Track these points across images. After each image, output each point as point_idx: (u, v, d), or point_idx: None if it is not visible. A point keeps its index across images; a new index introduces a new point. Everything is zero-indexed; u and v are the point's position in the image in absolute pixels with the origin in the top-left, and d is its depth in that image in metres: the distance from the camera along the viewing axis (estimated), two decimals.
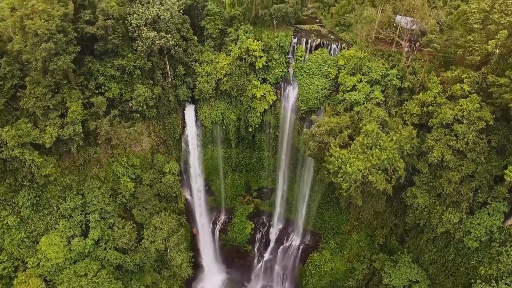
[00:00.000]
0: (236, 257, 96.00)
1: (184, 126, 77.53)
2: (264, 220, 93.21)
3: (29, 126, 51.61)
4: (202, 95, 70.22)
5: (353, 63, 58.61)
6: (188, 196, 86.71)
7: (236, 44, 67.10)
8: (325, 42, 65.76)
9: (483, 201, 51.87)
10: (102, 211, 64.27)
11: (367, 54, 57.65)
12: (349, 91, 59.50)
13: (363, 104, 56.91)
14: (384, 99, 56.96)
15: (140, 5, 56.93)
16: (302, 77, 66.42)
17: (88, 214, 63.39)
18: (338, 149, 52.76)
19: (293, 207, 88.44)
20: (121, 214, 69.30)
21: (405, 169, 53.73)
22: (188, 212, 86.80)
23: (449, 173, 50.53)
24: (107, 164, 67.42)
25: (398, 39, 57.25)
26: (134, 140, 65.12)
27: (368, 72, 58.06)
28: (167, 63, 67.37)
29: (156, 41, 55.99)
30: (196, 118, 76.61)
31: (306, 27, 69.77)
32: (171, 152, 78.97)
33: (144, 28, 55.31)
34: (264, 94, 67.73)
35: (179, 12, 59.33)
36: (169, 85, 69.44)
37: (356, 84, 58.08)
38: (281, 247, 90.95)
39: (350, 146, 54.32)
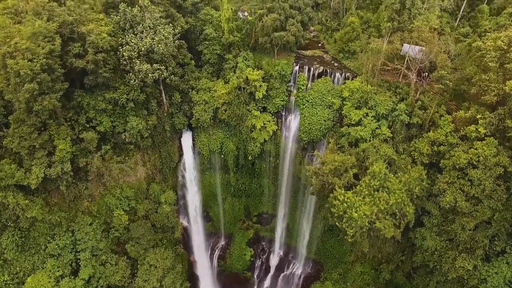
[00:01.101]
0: (235, 284, 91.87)
1: (181, 153, 73.88)
2: (264, 246, 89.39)
3: (13, 167, 47.92)
4: (199, 124, 66.58)
5: (359, 96, 54.94)
6: (185, 223, 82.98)
7: (234, 72, 63.51)
8: (328, 70, 62.12)
9: (501, 250, 48.04)
10: (94, 248, 60.47)
11: (373, 88, 53.95)
12: (354, 125, 55.86)
13: (369, 140, 53.23)
14: (391, 135, 53.26)
15: (133, 35, 53.31)
16: (304, 106, 62.77)
17: (79, 252, 59.61)
18: (343, 191, 49.02)
19: (294, 233, 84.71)
20: (114, 248, 65.49)
21: (414, 211, 50.01)
22: (185, 239, 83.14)
23: (463, 219, 46.75)
24: (99, 196, 63.71)
25: (406, 71, 53.62)
26: (127, 174, 61.59)
27: (375, 106, 54.37)
28: (163, 91, 63.76)
29: (150, 74, 52.33)
30: (193, 146, 72.97)
31: (308, 52, 66.10)
32: (167, 180, 75.23)
33: (137, 61, 51.64)
34: (264, 124, 64.02)
35: (174, 41, 55.68)
36: (165, 114, 65.81)
37: (362, 118, 54.40)
38: (282, 274, 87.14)
39: (355, 187, 50.63)
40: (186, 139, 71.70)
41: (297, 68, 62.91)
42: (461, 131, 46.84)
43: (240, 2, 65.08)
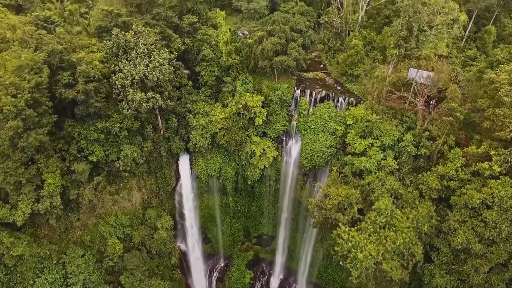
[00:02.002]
0: None
1: (178, 176, 70.84)
2: (264, 268, 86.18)
3: None
4: (196, 149, 63.55)
5: (363, 125, 51.91)
6: (182, 247, 79.87)
7: (233, 96, 60.49)
8: (331, 95, 59.17)
9: None
10: (86, 281, 57.33)
11: (379, 117, 50.92)
12: (358, 154, 52.84)
13: (375, 172, 50.20)
14: (397, 166, 50.21)
15: (126, 62, 50.33)
16: (306, 132, 59.71)
17: (70, 286, 56.45)
18: (347, 229, 45.96)
19: (295, 256, 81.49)
20: (108, 279, 62.35)
21: (422, 249, 46.91)
22: (182, 263, 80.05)
23: (476, 261, 43.64)
24: (92, 225, 60.71)
25: (413, 100, 50.64)
26: (121, 202, 58.62)
27: (380, 136, 51.35)
28: (158, 115, 60.70)
29: (144, 104, 49.30)
30: (191, 169, 69.96)
31: (310, 75, 63.02)
32: (164, 204, 72.09)
33: (130, 89, 48.61)
34: (264, 150, 60.94)
35: (170, 67, 52.70)
36: (161, 138, 62.69)
37: (367, 149, 51.39)
38: None
39: (360, 223, 47.60)
40: (184, 163, 68.65)
41: (298, 92, 59.92)
42: (473, 166, 43.79)
43: (239, 23, 62.26)
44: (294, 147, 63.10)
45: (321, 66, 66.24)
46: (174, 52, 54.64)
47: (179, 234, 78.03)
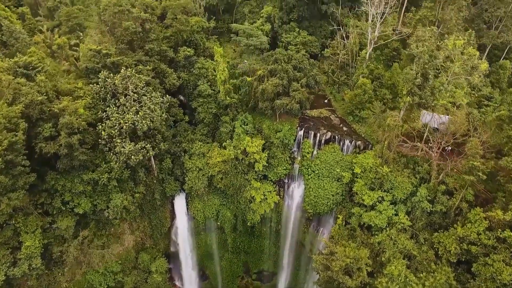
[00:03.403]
0: None
1: (173, 216, 65.90)
2: None
3: None
4: (192, 192, 58.68)
5: (372, 176, 47.03)
6: (179, 285, 74.99)
7: (231, 137, 55.68)
8: (336, 137, 54.29)
9: None
10: None
11: (389, 170, 45.98)
12: (366, 206, 47.93)
13: (385, 230, 45.24)
14: (410, 223, 45.24)
15: (114, 107, 45.52)
16: (309, 177, 54.76)
17: None
18: None
19: None
20: None
21: None
22: None
23: None
24: (80, 274, 55.73)
25: (427, 149, 45.69)
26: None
27: (391, 189, 46.42)
28: (152, 157, 55.96)
29: (133, 157, 44.39)
30: (187, 209, 65.03)
31: (314, 113, 57.89)
32: (159, 244, 67.09)
33: (118, 140, 43.74)
34: (265, 195, 56.03)
35: (163, 113, 47.90)
36: (154, 181, 57.89)
37: (376, 203, 46.46)
38: None
39: (370, 287, 42.64)
40: (179, 203, 63.63)
41: (301, 133, 55.04)
42: (499, 232, 38.77)
43: (238, 58, 57.59)
44: (297, 191, 58.16)
45: (325, 101, 61.28)
46: (168, 96, 49.82)
47: (176, 272, 73.12)
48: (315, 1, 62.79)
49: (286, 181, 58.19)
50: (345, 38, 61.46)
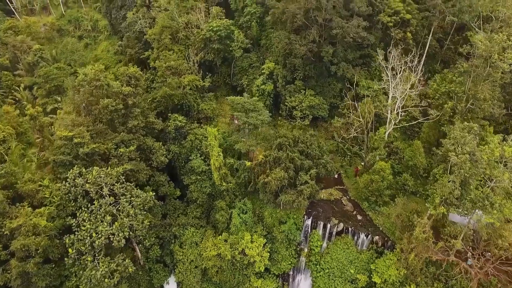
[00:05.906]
0: None
1: None
2: None
3: None
4: (183, 286, 49.72)
5: None
6: None
7: (228, 226, 46.99)
8: (350, 229, 45.53)
9: None
10: None
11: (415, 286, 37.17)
12: None
13: None
14: None
15: (87, 213, 36.73)
16: (318, 274, 45.83)
17: None
18: None
19: None
20: None
21: None
22: None
23: None
24: None
25: (460, 261, 36.82)
26: None
27: None
28: (136, 247, 47.19)
29: (106, 280, 35.46)
30: None
31: (323, 194, 48.89)
32: None
33: (89, 258, 34.89)
34: None
35: (146, 219, 39.13)
36: (140, 272, 49.08)
37: None
38: None
39: None
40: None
41: (309, 222, 46.30)
42: None
43: (235, 134, 48.98)
44: (304, 284, 49.23)
45: (336, 176, 52.52)
46: (151, 192, 41.11)
47: None
48: (322, 60, 54.58)
49: (291, 273, 49.26)
50: (356, 100, 53.18)
